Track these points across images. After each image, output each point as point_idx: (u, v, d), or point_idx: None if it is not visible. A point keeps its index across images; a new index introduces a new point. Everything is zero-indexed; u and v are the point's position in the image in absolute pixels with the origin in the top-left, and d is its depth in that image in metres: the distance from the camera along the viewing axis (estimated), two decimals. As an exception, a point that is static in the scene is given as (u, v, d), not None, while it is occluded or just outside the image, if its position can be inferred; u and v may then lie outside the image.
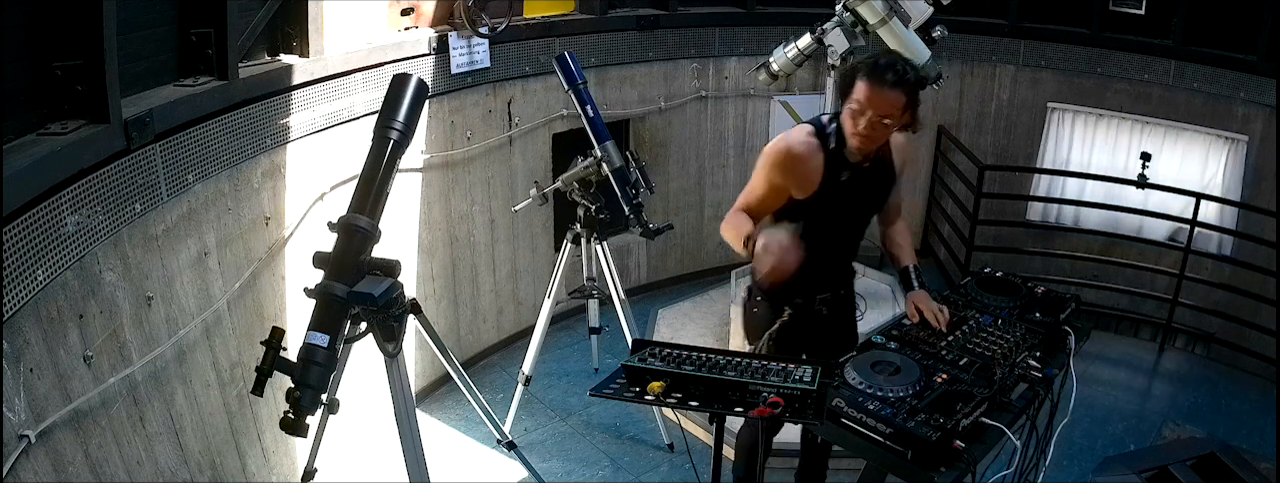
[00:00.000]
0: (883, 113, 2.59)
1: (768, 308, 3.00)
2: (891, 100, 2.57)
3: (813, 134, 2.76)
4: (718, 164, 6.18)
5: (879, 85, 2.56)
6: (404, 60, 4.25)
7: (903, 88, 2.57)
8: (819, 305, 2.99)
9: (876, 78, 2.57)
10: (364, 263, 2.67)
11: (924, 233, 6.71)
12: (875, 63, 2.60)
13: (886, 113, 2.59)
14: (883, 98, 2.57)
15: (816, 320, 2.99)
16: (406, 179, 4.48)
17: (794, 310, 2.95)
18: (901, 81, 2.57)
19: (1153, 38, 5.61)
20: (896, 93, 2.57)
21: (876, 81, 2.57)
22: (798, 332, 2.95)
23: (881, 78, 2.56)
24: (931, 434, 2.19)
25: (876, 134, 2.65)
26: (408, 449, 2.85)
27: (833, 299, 3.03)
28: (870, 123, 2.61)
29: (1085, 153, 6.05)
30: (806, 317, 2.97)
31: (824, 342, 2.94)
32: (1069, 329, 2.79)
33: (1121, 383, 5.18)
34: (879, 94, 2.57)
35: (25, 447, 2.10)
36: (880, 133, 2.65)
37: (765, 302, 3.01)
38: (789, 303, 2.95)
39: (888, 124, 2.62)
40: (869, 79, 2.58)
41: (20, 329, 2.17)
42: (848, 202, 2.85)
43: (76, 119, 2.48)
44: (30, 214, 2.22)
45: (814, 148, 2.73)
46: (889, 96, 2.57)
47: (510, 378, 4.95)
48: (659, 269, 6.19)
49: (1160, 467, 3.73)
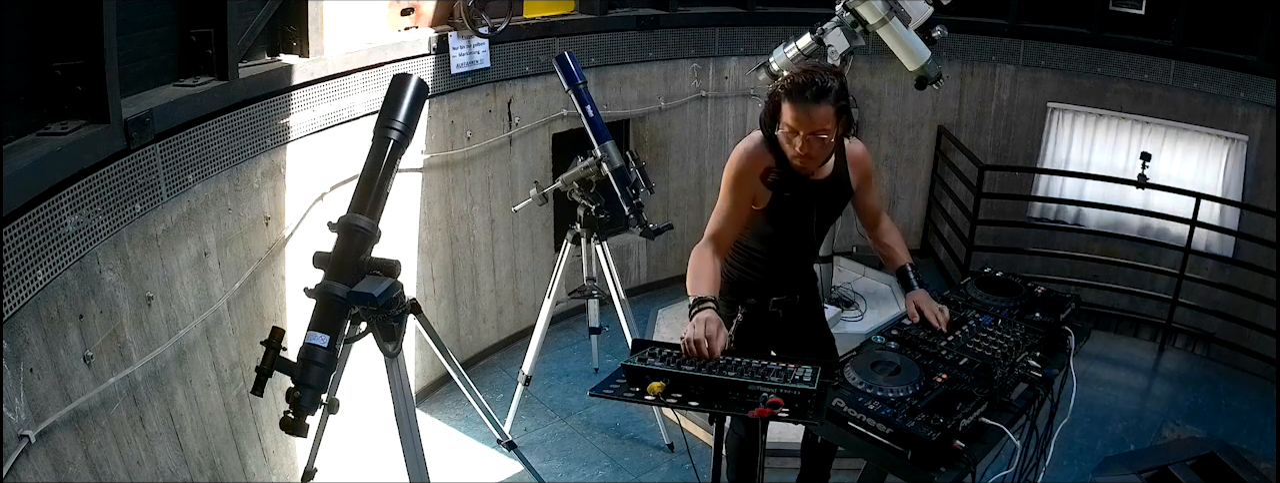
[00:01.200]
0: (814, 129, 2.54)
1: (726, 308, 2.93)
2: (819, 115, 2.53)
3: (763, 141, 2.72)
4: (718, 164, 6.15)
5: (802, 103, 2.52)
6: (404, 60, 4.25)
7: (826, 100, 2.52)
8: (774, 308, 2.97)
9: (798, 97, 2.52)
10: (364, 263, 2.67)
11: (924, 233, 6.71)
12: (793, 82, 2.54)
13: (818, 128, 2.54)
14: (809, 115, 2.52)
15: (772, 323, 2.96)
16: (406, 179, 4.48)
17: (748, 311, 2.92)
18: (822, 93, 2.51)
19: (1153, 38, 5.61)
20: (822, 107, 2.52)
21: (799, 100, 2.52)
22: (753, 333, 2.93)
23: (802, 96, 2.51)
24: (931, 434, 2.19)
25: (816, 152, 2.60)
26: (408, 449, 2.85)
27: (788, 303, 2.99)
28: (805, 141, 2.57)
29: (1085, 153, 6.05)
30: (761, 319, 2.94)
31: (785, 344, 2.91)
32: (1069, 329, 2.79)
33: (1121, 383, 5.18)
34: (805, 112, 2.52)
35: (25, 447, 2.10)
36: (819, 149, 2.60)
37: (723, 302, 2.91)
38: (743, 303, 2.93)
39: (824, 139, 2.57)
40: (791, 100, 2.53)
41: (20, 329, 2.17)
42: (798, 210, 2.81)
43: (76, 119, 2.48)
44: (30, 214, 2.22)
45: (761, 153, 2.70)
46: (816, 112, 2.52)
47: (510, 378, 4.95)
48: (659, 269, 6.19)
49: (1160, 467, 3.74)
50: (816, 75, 2.53)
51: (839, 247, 5.72)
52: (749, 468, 3.15)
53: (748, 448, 3.12)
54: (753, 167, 2.71)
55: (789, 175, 2.71)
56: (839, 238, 5.70)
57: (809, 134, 2.55)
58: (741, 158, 2.72)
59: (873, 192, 3.04)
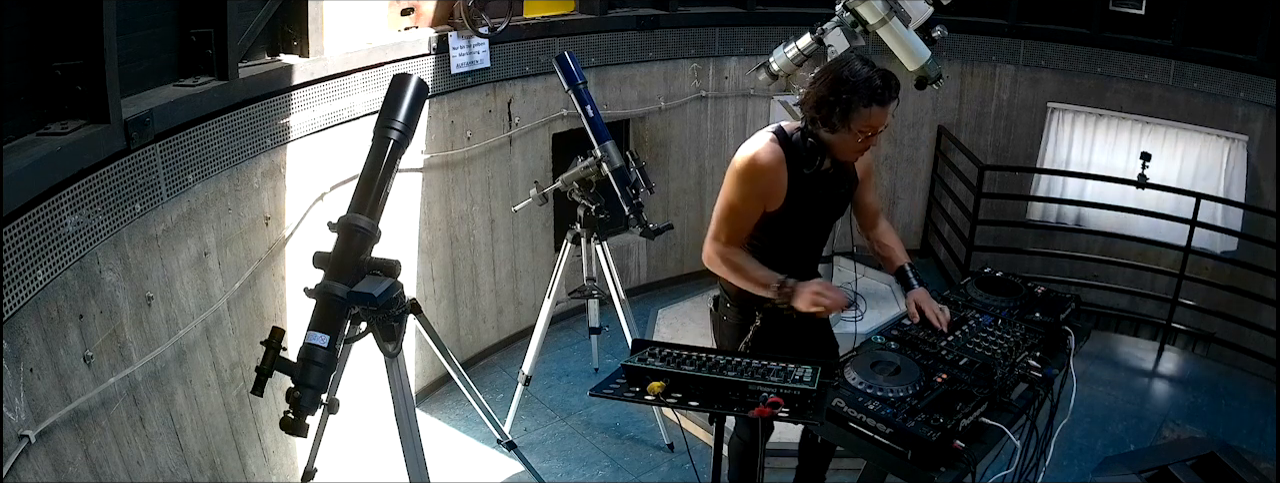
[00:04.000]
0: (885, 124, 2.60)
1: (738, 315, 2.96)
2: (891, 112, 2.59)
3: (776, 142, 2.72)
4: (718, 164, 6.17)
5: (885, 105, 2.56)
6: (404, 60, 4.25)
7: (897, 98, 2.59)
8: (788, 310, 2.96)
9: (884, 100, 2.54)
10: (364, 263, 2.66)
11: (924, 233, 6.71)
12: (872, 87, 2.53)
13: (887, 122, 2.60)
14: (888, 115, 2.58)
15: (787, 325, 2.94)
16: (406, 179, 4.48)
17: (764, 315, 2.89)
18: (897, 92, 2.57)
19: (1153, 38, 5.61)
20: (893, 105, 2.58)
21: (885, 103, 2.55)
22: (771, 336, 2.91)
23: (890, 97, 2.55)
24: (931, 434, 2.19)
25: (874, 144, 2.68)
26: (408, 449, 2.84)
27: None
28: (869, 138, 2.62)
29: (1085, 153, 6.05)
30: (777, 321, 2.93)
31: (798, 346, 2.91)
32: (1069, 329, 2.79)
33: (1121, 383, 5.18)
34: (886, 113, 2.57)
35: (25, 447, 2.10)
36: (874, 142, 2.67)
37: (735, 309, 2.96)
38: (758, 308, 2.89)
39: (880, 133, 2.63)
40: (880, 103, 2.54)
41: (20, 329, 2.17)
42: (814, 209, 2.83)
43: (76, 119, 2.47)
44: (30, 214, 2.22)
45: (780, 158, 2.69)
46: (891, 111, 2.58)
47: (510, 378, 4.95)
48: (659, 269, 6.19)
49: (1160, 467, 3.74)
50: (891, 76, 2.58)
51: (839, 247, 5.71)
52: (750, 471, 3.15)
53: (750, 451, 3.12)
54: (777, 168, 2.69)
55: (815, 173, 2.72)
56: (839, 238, 5.69)
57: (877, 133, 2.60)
58: (765, 163, 2.69)
59: (872, 190, 3.05)
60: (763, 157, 2.69)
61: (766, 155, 2.69)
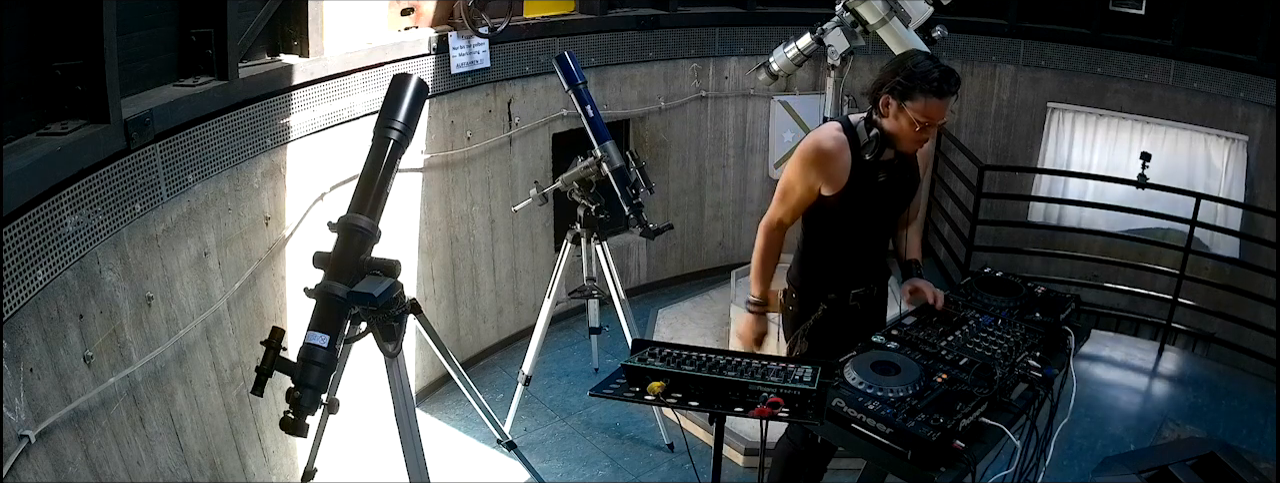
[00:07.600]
0: (942, 118, 2.68)
1: (801, 304, 3.05)
2: (949, 104, 2.66)
3: (841, 130, 2.81)
4: (718, 164, 6.18)
5: (944, 98, 2.64)
6: (404, 60, 4.25)
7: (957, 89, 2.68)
8: (853, 301, 3.03)
9: (944, 92, 2.63)
10: (364, 263, 2.66)
11: (924, 233, 6.71)
12: (930, 79, 2.62)
13: (944, 116, 2.68)
14: (946, 106, 2.65)
15: (850, 316, 3.02)
16: (406, 179, 4.48)
17: (828, 306, 3.00)
18: (958, 84, 2.66)
19: (1153, 38, 5.61)
20: (951, 97, 2.66)
21: (945, 95, 2.63)
22: (831, 327, 3.00)
23: (949, 90, 2.63)
24: (931, 434, 2.19)
25: (930, 135, 2.76)
26: (408, 449, 2.84)
27: (866, 295, 3.07)
28: (926, 129, 2.70)
29: (1085, 153, 6.05)
30: (840, 312, 3.01)
31: (856, 337, 2.94)
32: (1069, 329, 2.79)
33: (1121, 383, 5.18)
34: (945, 105, 2.64)
35: (25, 447, 2.10)
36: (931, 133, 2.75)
37: (799, 298, 3.06)
38: (824, 299, 3.00)
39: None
40: (939, 96, 2.63)
41: (20, 329, 2.17)
42: (880, 198, 2.90)
43: (76, 119, 2.48)
44: (30, 214, 2.22)
45: (843, 144, 2.79)
46: (949, 103, 2.66)
47: (510, 378, 4.95)
48: (659, 269, 6.19)
49: (1160, 467, 3.74)
50: (950, 69, 2.66)
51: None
52: (795, 476, 3.18)
53: (799, 457, 3.17)
54: (840, 153, 2.79)
55: (876, 161, 2.81)
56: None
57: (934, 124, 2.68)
58: (828, 148, 2.79)
59: (920, 189, 3.12)
60: (826, 142, 2.80)
61: (830, 141, 2.80)
